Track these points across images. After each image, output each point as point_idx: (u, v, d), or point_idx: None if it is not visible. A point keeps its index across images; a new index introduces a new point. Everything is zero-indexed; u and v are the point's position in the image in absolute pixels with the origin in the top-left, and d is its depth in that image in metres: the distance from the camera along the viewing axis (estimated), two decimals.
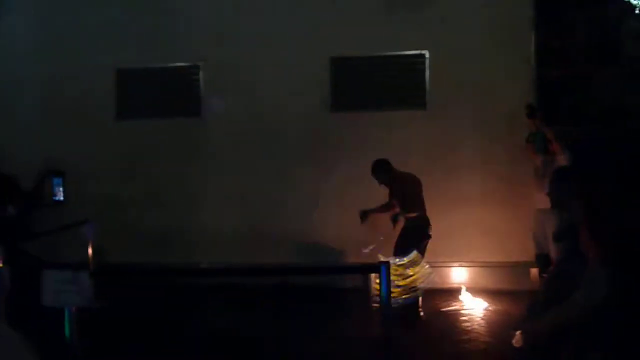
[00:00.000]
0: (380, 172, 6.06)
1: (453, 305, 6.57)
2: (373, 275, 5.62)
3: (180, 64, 8.02)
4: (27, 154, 7.82)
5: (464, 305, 6.53)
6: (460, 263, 7.35)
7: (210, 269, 7.29)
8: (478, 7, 7.35)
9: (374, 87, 7.61)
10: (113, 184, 7.92)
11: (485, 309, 6.40)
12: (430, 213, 6.08)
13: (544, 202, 5.99)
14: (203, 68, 7.96)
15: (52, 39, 8.16)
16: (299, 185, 7.58)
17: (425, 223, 6.04)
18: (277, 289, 7.01)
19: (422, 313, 5.97)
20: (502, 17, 7.28)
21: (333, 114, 7.65)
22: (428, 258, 6.09)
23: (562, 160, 6.27)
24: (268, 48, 7.69)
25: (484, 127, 7.25)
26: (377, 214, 6.24)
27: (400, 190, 6.01)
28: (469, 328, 5.81)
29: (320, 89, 7.65)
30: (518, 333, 3.62)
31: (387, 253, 5.81)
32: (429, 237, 6.04)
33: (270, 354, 5.20)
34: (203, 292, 6.85)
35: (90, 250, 6.19)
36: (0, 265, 4.57)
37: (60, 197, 5.65)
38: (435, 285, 7.00)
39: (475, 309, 6.41)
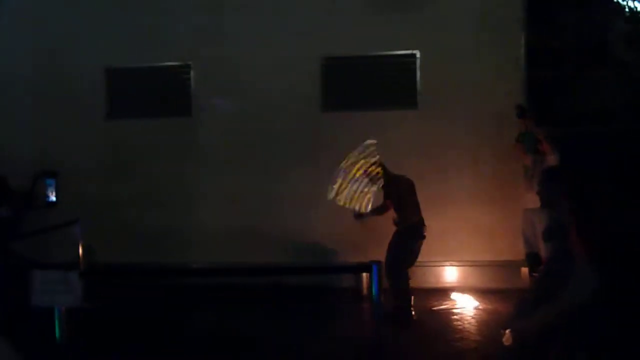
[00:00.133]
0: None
1: (444, 305, 6.59)
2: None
3: (171, 63, 7.99)
4: (17, 154, 7.77)
5: (456, 305, 6.56)
6: (451, 262, 7.38)
7: (203, 269, 7.28)
8: (469, 7, 7.39)
9: (366, 86, 7.62)
10: (104, 184, 7.87)
11: (476, 308, 6.44)
12: (422, 213, 6.10)
13: (534, 201, 6.03)
14: (194, 67, 7.93)
15: (41, 39, 8.09)
16: (291, 185, 7.57)
17: (420, 224, 6.06)
18: (270, 289, 7.02)
19: (413, 312, 5.99)
20: (492, 17, 7.32)
21: (324, 114, 7.66)
22: (419, 257, 6.12)
23: (551, 160, 6.31)
24: (259, 47, 7.68)
25: (475, 126, 7.28)
26: (371, 216, 6.27)
27: (396, 193, 6.03)
28: (460, 327, 5.84)
29: (312, 89, 7.65)
30: (508, 332, 3.65)
31: (380, 253, 5.81)
32: (424, 237, 6.06)
33: (264, 354, 5.19)
34: (195, 292, 6.83)
35: (81, 250, 6.17)
36: None
37: (53, 198, 5.64)
38: (427, 285, 7.06)
39: (466, 308, 6.44)
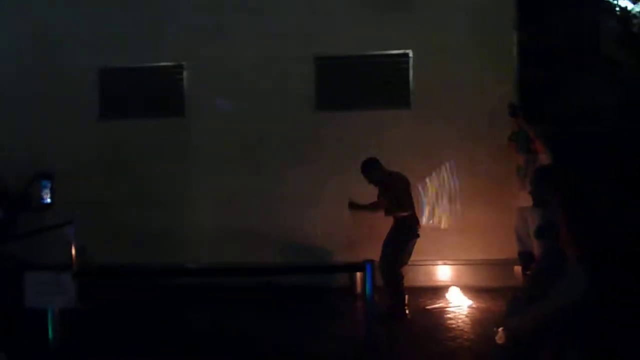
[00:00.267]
0: (371, 171, 6.08)
1: (438, 304, 6.61)
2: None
3: (165, 64, 7.97)
4: (10, 155, 7.72)
5: (449, 303, 6.57)
6: (445, 261, 7.40)
7: (197, 270, 7.28)
8: (461, 7, 7.41)
9: (359, 86, 7.63)
10: (98, 185, 7.84)
11: (470, 307, 6.46)
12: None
13: (527, 200, 6.07)
14: (187, 67, 7.92)
15: (34, 39, 8.06)
16: (285, 184, 7.57)
17: (415, 222, 6.07)
18: (265, 289, 7.01)
19: (407, 311, 6.01)
20: (485, 17, 7.34)
21: (318, 113, 7.66)
22: (413, 256, 6.14)
23: (544, 159, 6.34)
24: (253, 47, 7.67)
25: (467, 125, 7.31)
26: (364, 212, 6.28)
27: (392, 191, 6.04)
28: (454, 326, 5.86)
29: (305, 88, 7.65)
30: (501, 330, 3.67)
31: (376, 251, 5.83)
32: (418, 236, 6.08)
33: (259, 354, 5.19)
34: (190, 292, 6.82)
35: (74, 251, 6.15)
36: None
37: (48, 200, 5.61)
38: (421, 284, 7.08)
39: (460, 307, 6.46)
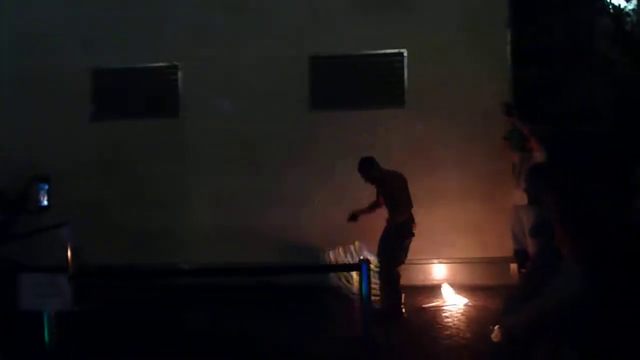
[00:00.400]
0: (367, 170, 6.08)
1: (434, 302, 6.63)
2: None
3: (159, 64, 7.96)
4: (8, 154, 7.68)
5: (445, 302, 6.59)
6: (440, 260, 7.42)
7: (193, 270, 7.26)
8: (455, 6, 7.43)
9: (353, 85, 7.64)
10: (93, 186, 7.82)
11: (465, 305, 6.48)
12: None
13: (522, 198, 6.11)
14: (181, 68, 7.90)
15: (26, 38, 8.03)
16: (280, 184, 7.57)
17: (410, 221, 6.09)
18: (262, 289, 7.01)
19: (404, 310, 6.02)
20: (478, 16, 7.37)
21: (312, 113, 7.67)
22: (408, 255, 6.14)
23: (538, 157, 6.37)
24: (247, 47, 7.67)
25: (462, 124, 7.33)
26: (366, 214, 6.29)
27: (389, 189, 6.05)
28: (450, 324, 5.88)
29: (300, 88, 7.65)
30: (497, 328, 3.68)
31: (371, 249, 5.84)
32: (413, 235, 6.09)
33: (256, 354, 5.19)
34: (186, 293, 6.80)
35: (70, 253, 6.12)
36: None
37: (45, 202, 5.58)
38: (416, 282, 7.09)
39: (456, 305, 6.48)
